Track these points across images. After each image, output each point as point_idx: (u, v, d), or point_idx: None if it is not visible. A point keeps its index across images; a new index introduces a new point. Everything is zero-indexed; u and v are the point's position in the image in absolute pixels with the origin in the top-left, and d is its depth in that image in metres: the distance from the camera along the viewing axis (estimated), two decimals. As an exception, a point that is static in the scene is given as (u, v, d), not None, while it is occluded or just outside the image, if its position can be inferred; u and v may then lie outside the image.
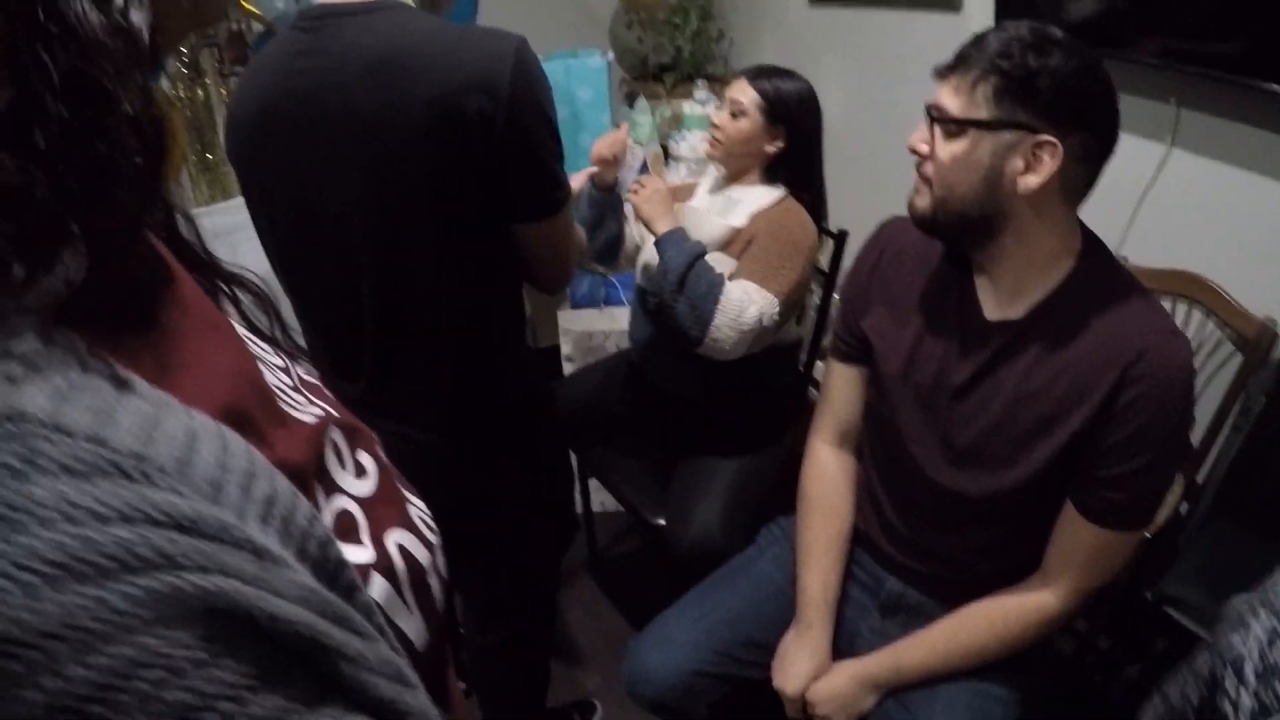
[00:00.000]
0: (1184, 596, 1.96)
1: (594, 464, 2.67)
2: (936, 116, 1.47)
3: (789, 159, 2.31)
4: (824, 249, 2.47)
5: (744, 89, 2.29)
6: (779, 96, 2.26)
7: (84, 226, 0.41)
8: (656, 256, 2.17)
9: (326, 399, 0.67)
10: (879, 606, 1.83)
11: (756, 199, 2.30)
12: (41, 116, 0.38)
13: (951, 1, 2.93)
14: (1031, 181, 1.40)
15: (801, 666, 1.74)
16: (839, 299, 1.89)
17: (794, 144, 2.29)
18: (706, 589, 1.97)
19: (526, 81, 1.36)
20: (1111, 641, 2.48)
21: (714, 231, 2.27)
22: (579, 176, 2.25)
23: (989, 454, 1.58)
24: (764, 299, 2.11)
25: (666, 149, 3.71)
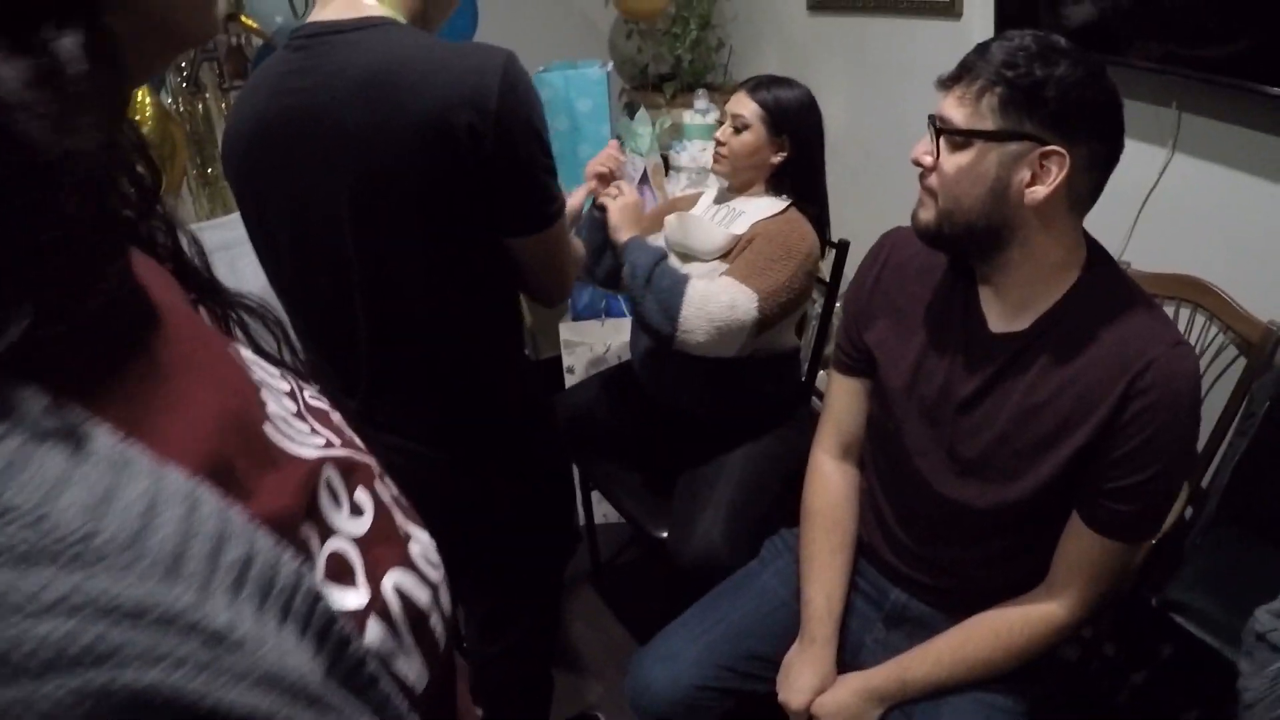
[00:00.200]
0: (1190, 602, 1.95)
1: (595, 476, 2.66)
2: (941, 128, 1.45)
3: (793, 168, 2.30)
4: (825, 259, 2.46)
5: (745, 102, 2.28)
6: (780, 106, 2.26)
7: (26, 282, 0.39)
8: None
9: (332, 426, 0.66)
10: (883, 618, 1.81)
11: (761, 209, 2.30)
12: None
13: (952, 9, 2.94)
14: (1039, 192, 1.39)
15: (806, 680, 1.72)
16: (842, 311, 1.88)
17: (798, 152, 2.29)
18: (710, 602, 1.95)
19: (515, 96, 1.36)
20: (1117, 648, 2.47)
21: (716, 240, 2.27)
22: (578, 193, 2.25)
23: (995, 467, 1.57)
24: (737, 291, 2.09)
25: (667, 159, 3.71)
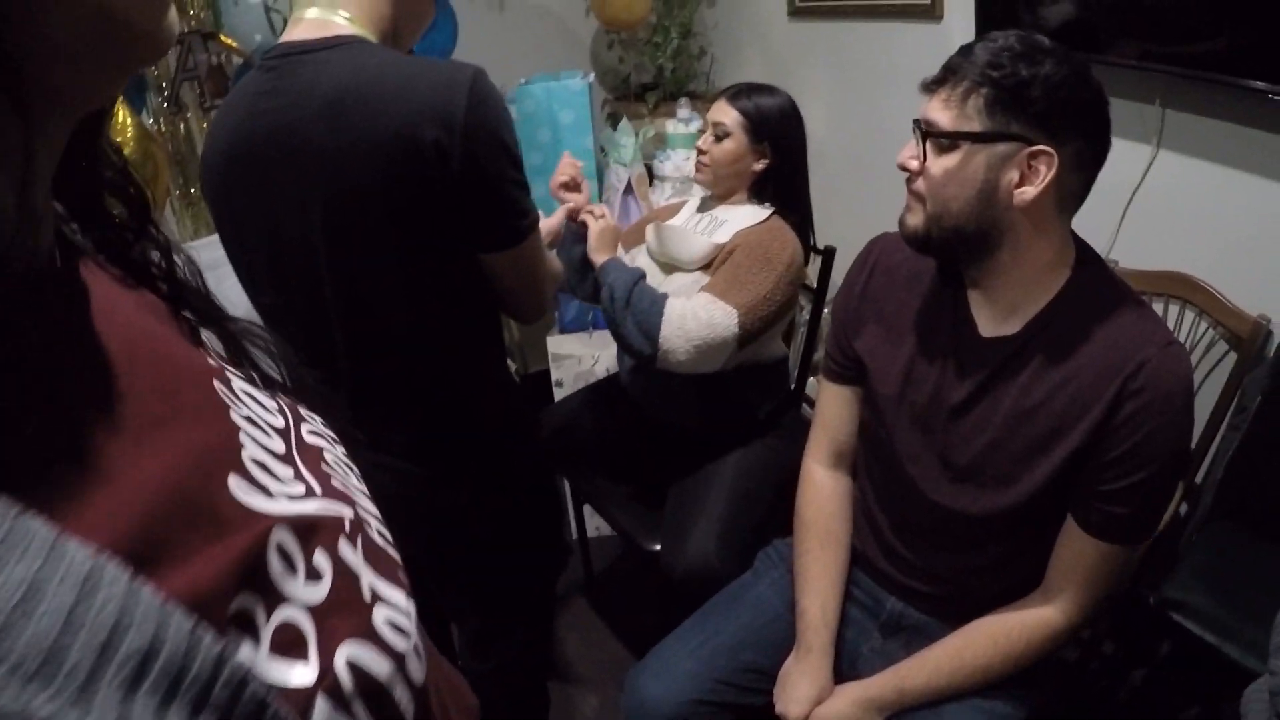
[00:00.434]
0: (1187, 600, 1.94)
1: (586, 489, 2.65)
2: (927, 131, 1.45)
3: (776, 175, 2.30)
4: (811, 266, 2.46)
5: (725, 110, 2.28)
6: (761, 113, 2.26)
7: None
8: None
9: (319, 471, 0.62)
10: (880, 627, 1.80)
11: (743, 218, 2.29)
12: None
13: (932, 12, 2.94)
14: (1028, 193, 1.38)
15: (803, 691, 1.71)
16: (830, 319, 1.88)
17: (780, 159, 2.28)
18: (704, 616, 1.94)
19: (482, 112, 1.36)
20: (1115, 647, 2.46)
21: (698, 250, 2.26)
22: (557, 214, 2.25)
23: (989, 472, 1.56)
24: (715, 309, 2.07)
25: (651, 169, 3.71)
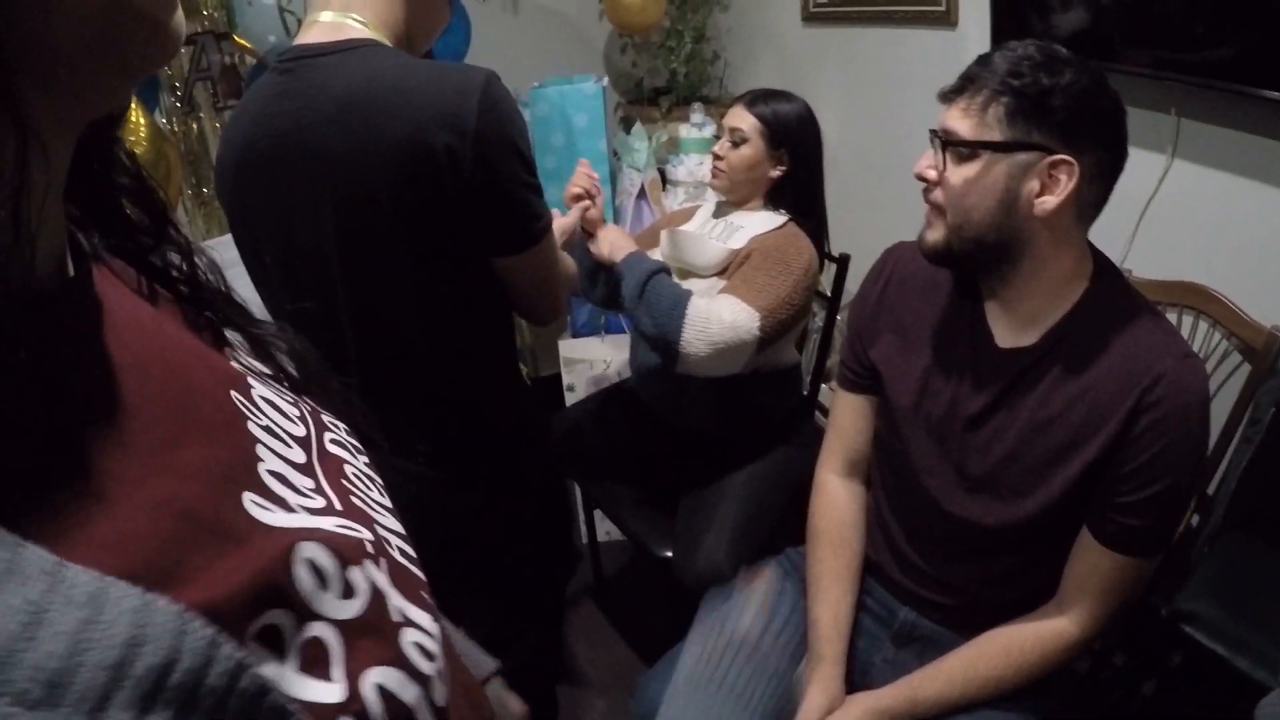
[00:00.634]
0: (1199, 612, 1.93)
1: (597, 495, 2.64)
2: (946, 140, 1.44)
3: (792, 182, 2.29)
4: (825, 273, 2.45)
5: (743, 116, 2.27)
6: (779, 119, 2.25)
7: None
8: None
9: (339, 485, 0.62)
10: (892, 637, 1.79)
11: (758, 224, 2.28)
12: None
13: (947, 18, 2.93)
14: (1049, 203, 1.38)
15: (814, 699, 1.70)
16: (846, 328, 1.87)
17: (796, 166, 2.28)
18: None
19: (494, 116, 1.36)
20: (1126, 658, 2.45)
21: (714, 255, 2.25)
22: (571, 214, 2.24)
23: (1005, 484, 1.55)
24: (739, 310, 2.05)
25: (664, 173, 3.70)
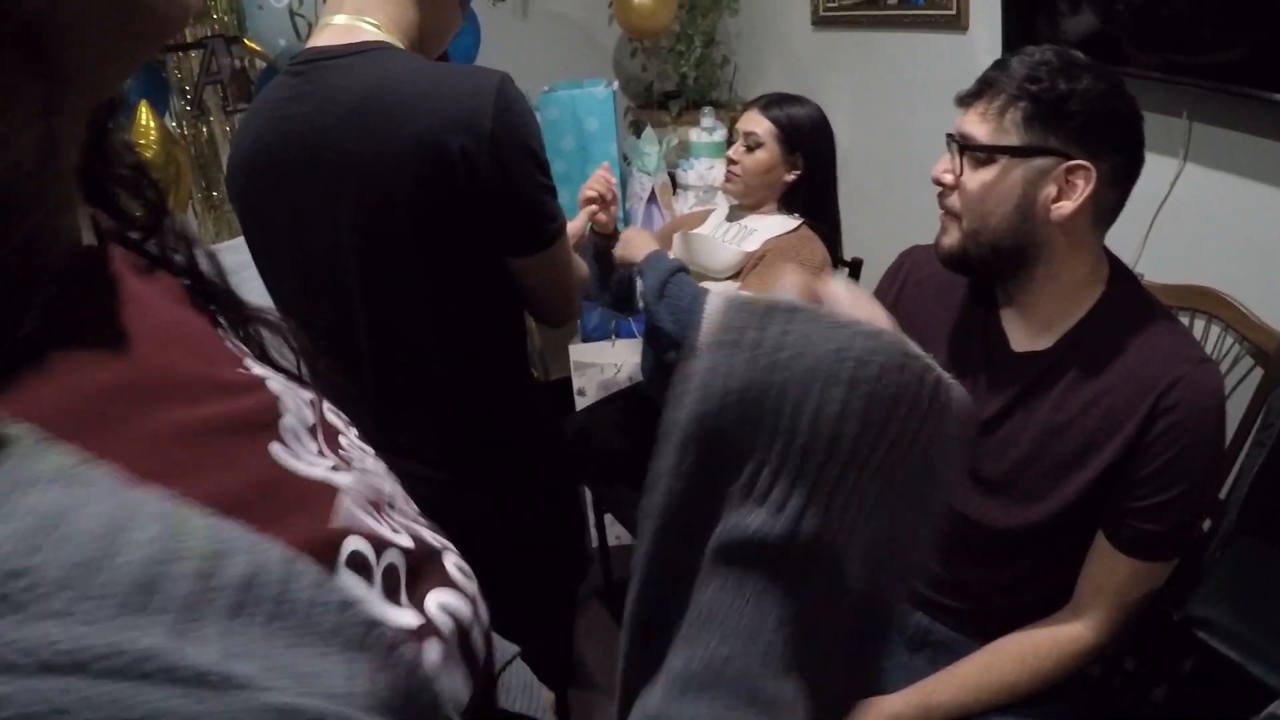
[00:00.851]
0: (1211, 617, 1.92)
1: (607, 498, 2.64)
2: (963, 144, 1.44)
3: (806, 186, 2.29)
4: (838, 278, 2.45)
5: (757, 120, 2.27)
6: (793, 123, 2.25)
7: None
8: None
9: (337, 449, 0.64)
10: (905, 642, 1.79)
11: (772, 227, 2.28)
12: None
13: (958, 22, 2.93)
14: (1065, 208, 1.38)
15: (826, 704, 1.70)
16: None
17: (810, 170, 2.27)
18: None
19: (508, 117, 1.37)
20: (1137, 663, 2.44)
21: (727, 258, 2.25)
22: (580, 217, 2.24)
23: (1019, 487, 1.55)
24: None
25: (674, 177, 3.70)
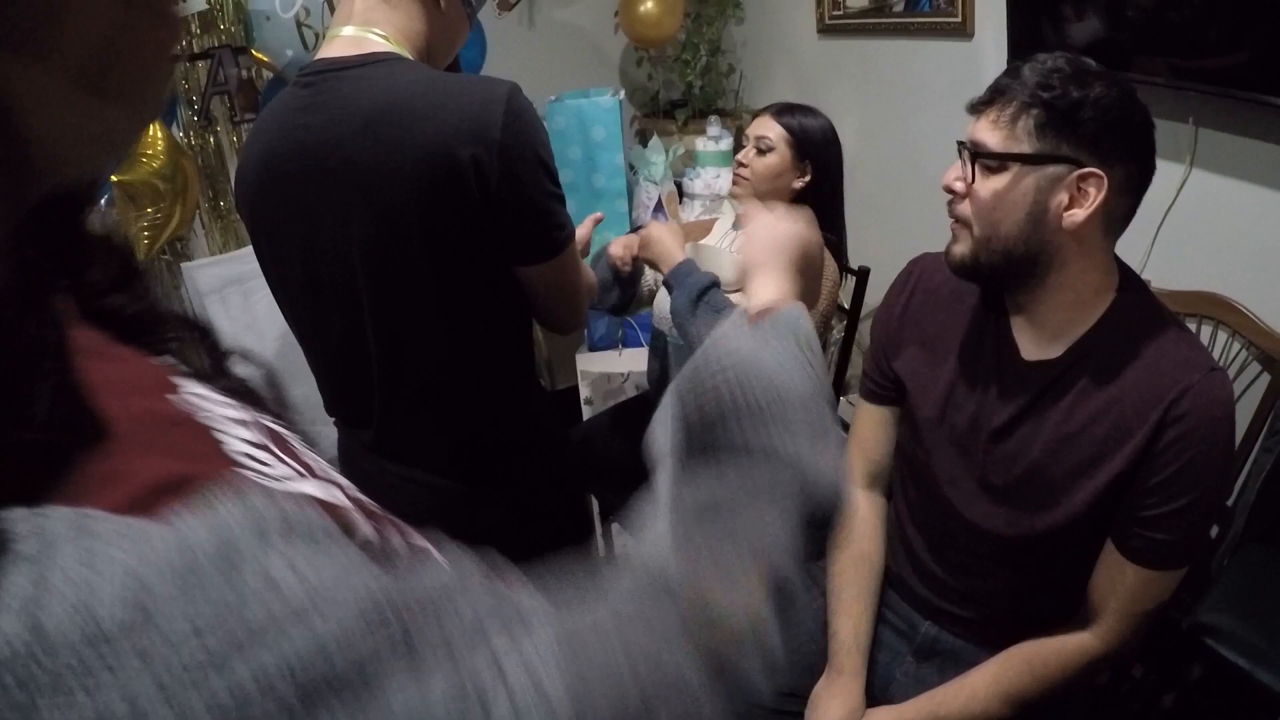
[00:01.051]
0: (1219, 625, 1.92)
1: (614, 508, 2.64)
2: (975, 152, 1.44)
3: (813, 195, 2.29)
4: (845, 287, 2.45)
5: (770, 125, 2.28)
6: (805, 132, 2.25)
7: None
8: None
9: (300, 462, 0.64)
10: (913, 651, 1.79)
11: (778, 236, 2.27)
12: None
13: (963, 30, 2.93)
14: (1078, 216, 1.37)
15: (834, 713, 1.69)
16: (870, 339, 1.87)
17: (819, 179, 2.28)
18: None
19: (518, 127, 1.37)
20: (1145, 670, 2.44)
21: (735, 271, 2.24)
22: (586, 223, 2.23)
23: (1029, 496, 1.54)
24: None
25: (680, 186, 3.71)
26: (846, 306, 2.65)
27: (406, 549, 0.59)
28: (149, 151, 2.72)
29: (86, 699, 0.33)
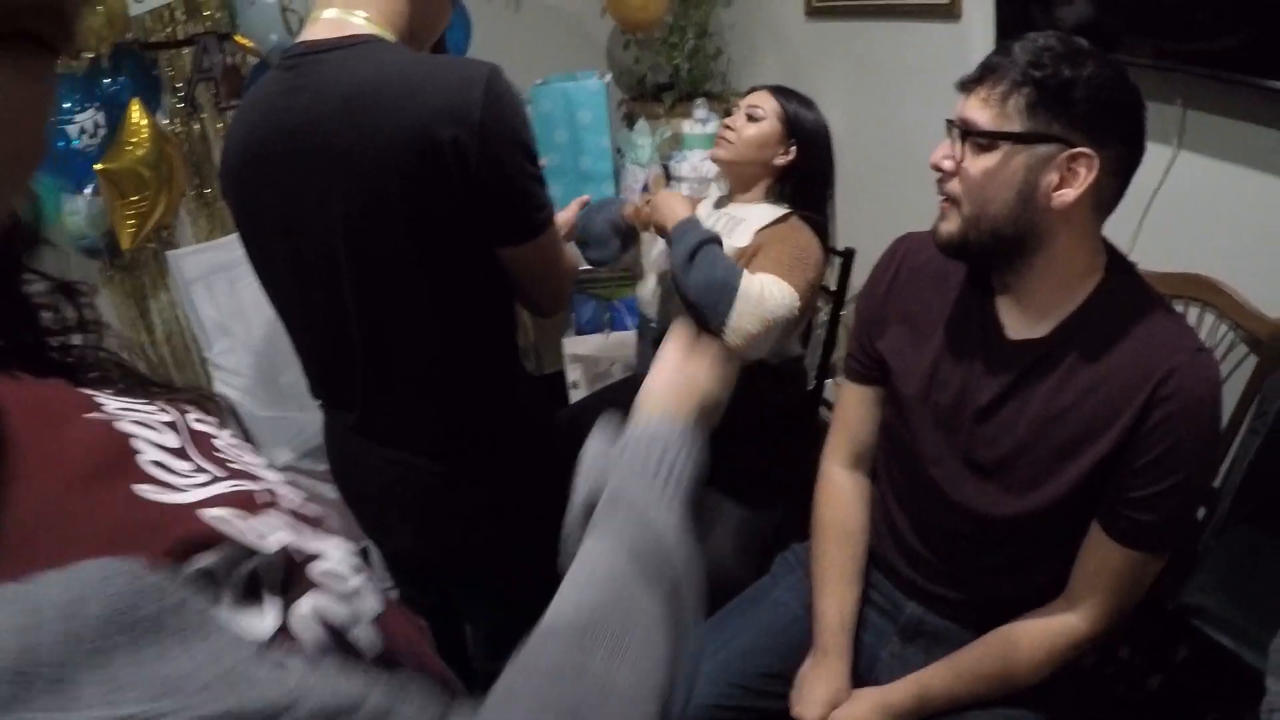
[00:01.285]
0: (1205, 605, 1.93)
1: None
2: (965, 130, 1.43)
3: (796, 176, 2.27)
4: (830, 268, 2.45)
5: (766, 98, 2.25)
6: (798, 117, 2.24)
7: None
8: (657, 285, 2.12)
9: (215, 457, 0.64)
10: (898, 632, 1.79)
11: (760, 216, 2.25)
12: None
13: (951, 11, 2.91)
14: (1068, 195, 1.37)
15: (819, 694, 1.70)
16: (855, 318, 1.86)
17: (802, 163, 2.26)
18: (721, 620, 1.93)
19: (498, 108, 1.37)
20: (1132, 652, 2.44)
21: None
22: (570, 209, 2.22)
23: (1014, 475, 1.54)
24: (786, 290, 1.98)
25: (667, 169, 3.70)
26: (832, 289, 2.65)
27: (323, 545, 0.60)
28: (134, 139, 2.70)
29: None
